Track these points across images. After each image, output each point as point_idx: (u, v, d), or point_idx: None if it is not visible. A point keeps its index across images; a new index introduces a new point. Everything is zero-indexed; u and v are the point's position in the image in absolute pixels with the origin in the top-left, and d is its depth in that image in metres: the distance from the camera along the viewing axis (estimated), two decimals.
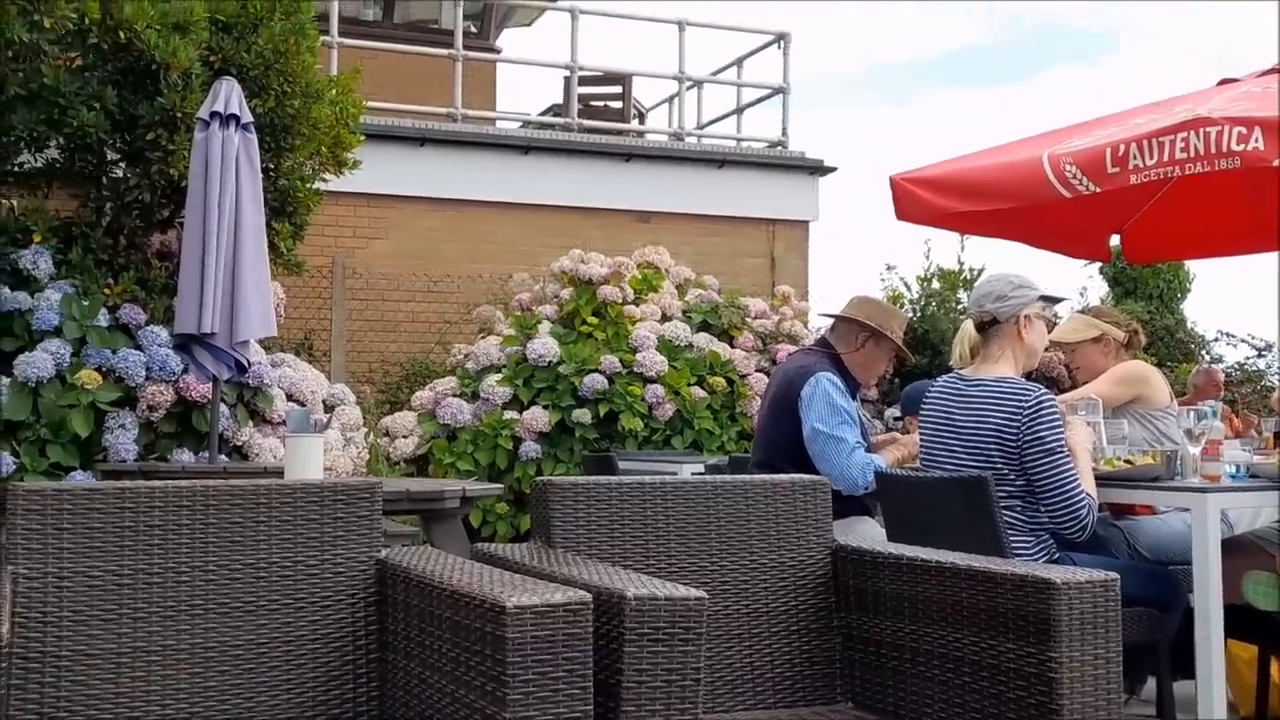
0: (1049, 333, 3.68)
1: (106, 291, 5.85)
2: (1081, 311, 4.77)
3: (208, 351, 5.20)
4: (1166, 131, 4.37)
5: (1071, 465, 3.23)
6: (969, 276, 9.76)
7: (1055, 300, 3.69)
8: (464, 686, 1.87)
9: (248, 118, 5.36)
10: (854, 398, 4.11)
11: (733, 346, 8.28)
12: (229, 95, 5.30)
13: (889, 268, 10.01)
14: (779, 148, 11.58)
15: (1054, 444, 3.24)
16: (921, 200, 5.24)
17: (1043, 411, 3.25)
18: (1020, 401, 3.28)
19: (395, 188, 10.00)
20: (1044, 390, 3.33)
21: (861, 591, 2.50)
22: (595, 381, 7.66)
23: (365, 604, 2.26)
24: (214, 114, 5.24)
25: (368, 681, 2.24)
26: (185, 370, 5.57)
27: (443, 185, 10.26)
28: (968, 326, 3.52)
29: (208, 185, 5.19)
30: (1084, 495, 3.22)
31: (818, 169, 11.43)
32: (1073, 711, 2.04)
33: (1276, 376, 11.86)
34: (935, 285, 9.67)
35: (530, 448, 7.60)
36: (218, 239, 5.13)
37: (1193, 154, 4.30)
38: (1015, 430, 3.26)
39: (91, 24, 5.56)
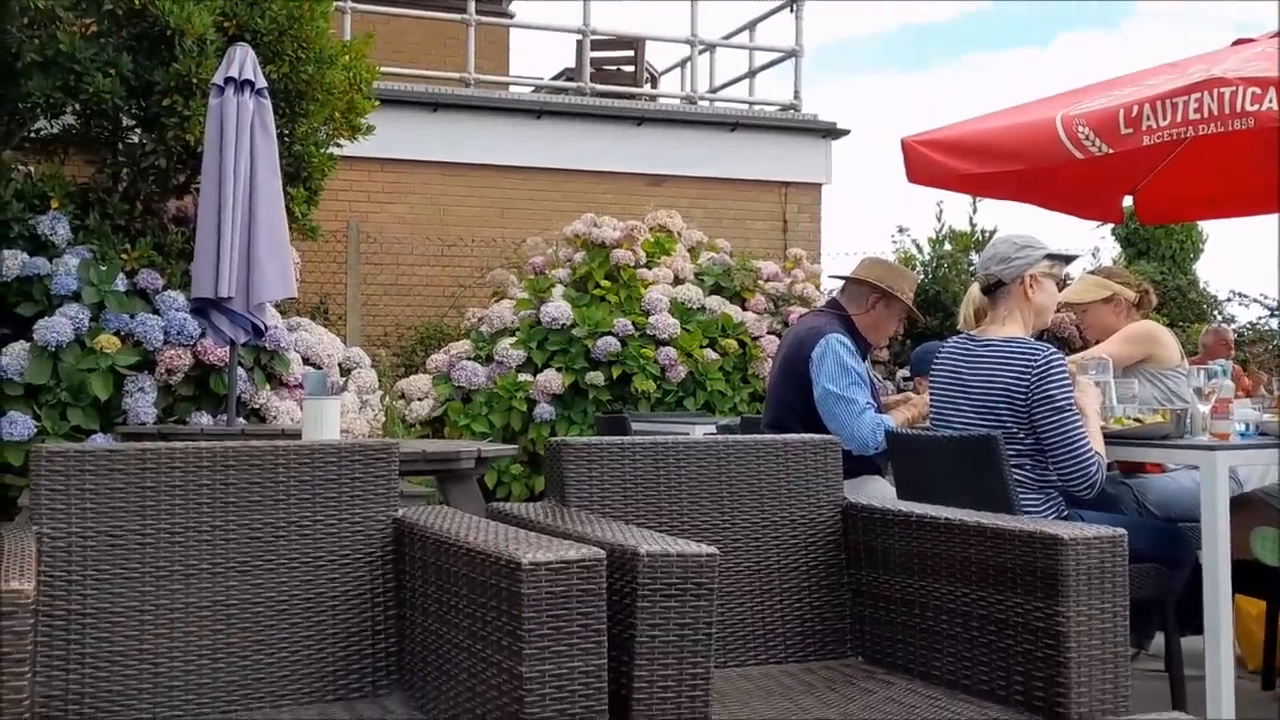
0: (1059, 292, 3.69)
1: (124, 257, 5.89)
2: (1092, 272, 4.77)
3: (225, 315, 5.24)
4: (1180, 92, 4.36)
5: (1080, 423, 3.26)
6: (981, 238, 9.74)
7: (1065, 259, 3.69)
8: (481, 641, 1.91)
9: (262, 83, 5.37)
10: (864, 358, 4.13)
11: (745, 309, 8.29)
12: (243, 61, 5.31)
13: (901, 230, 10.00)
14: (791, 111, 11.53)
15: (1063, 402, 3.26)
16: (933, 162, 5.23)
17: (1051, 370, 3.27)
18: (1029, 360, 3.30)
19: (409, 152, 10.01)
20: (1053, 349, 3.34)
21: (871, 548, 2.53)
22: (608, 344, 7.69)
23: (383, 562, 2.30)
24: (229, 79, 5.26)
25: (386, 638, 2.28)
26: (203, 334, 5.62)
27: (456, 150, 10.26)
28: (973, 289, 3.54)
29: (223, 150, 5.21)
30: (1093, 453, 3.25)
31: (830, 132, 11.38)
32: (1080, 665, 2.07)
33: None
34: (947, 247, 9.66)
35: (544, 409, 7.65)
36: (233, 204, 5.15)
37: (1206, 115, 4.29)
38: (1024, 389, 3.29)
39: None
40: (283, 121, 6.08)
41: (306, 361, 6.23)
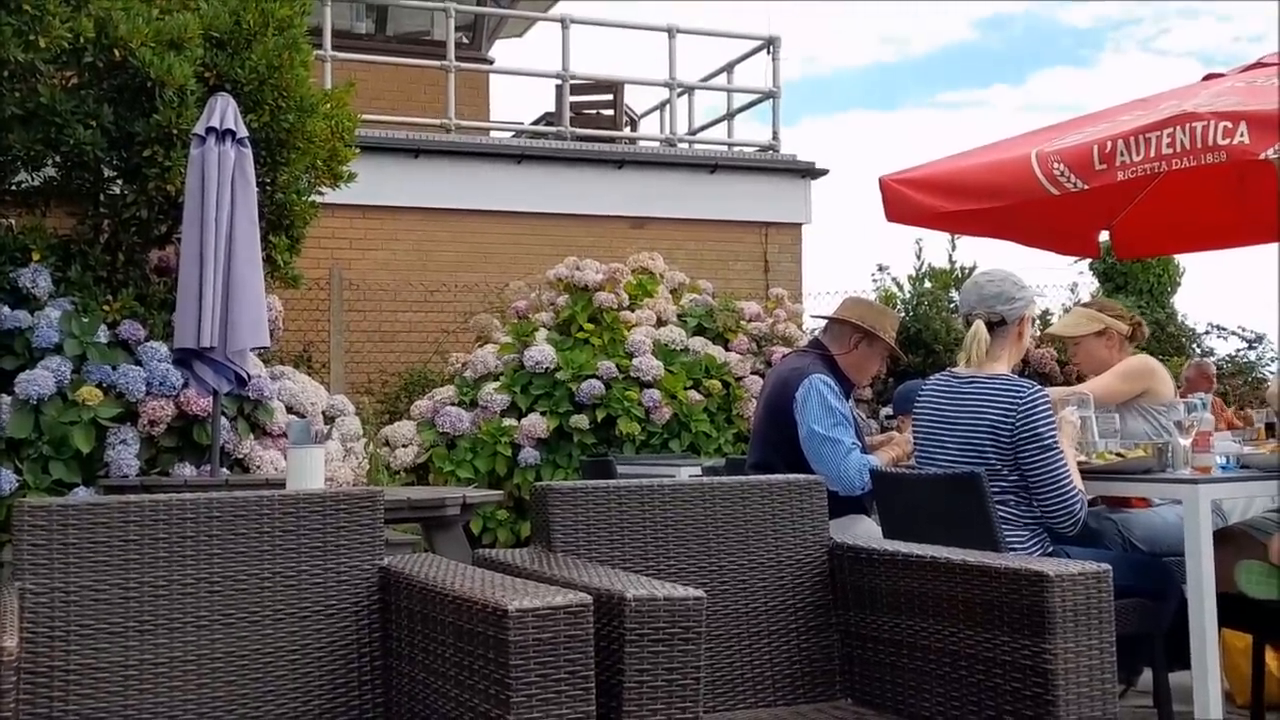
0: (1053, 329, 3.74)
1: (106, 308, 5.88)
2: (1084, 305, 4.80)
3: (208, 365, 5.22)
4: (1153, 127, 4.42)
5: (1064, 460, 3.28)
6: (960, 276, 9.79)
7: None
8: (468, 690, 1.90)
9: (243, 132, 5.39)
10: (848, 398, 4.15)
11: (728, 349, 8.31)
12: (224, 110, 5.33)
13: (881, 268, 10.04)
14: (770, 151, 11.62)
15: (1049, 440, 3.28)
16: (911, 201, 5.28)
17: (1037, 406, 3.29)
18: (1015, 397, 3.32)
19: (390, 199, 10.04)
20: (1037, 386, 3.37)
21: (859, 588, 2.53)
22: (592, 387, 7.69)
23: (369, 612, 2.29)
24: (210, 129, 5.28)
25: (373, 688, 2.27)
26: (185, 385, 5.60)
27: (437, 195, 10.30)
28: (981, 329, 3.50)
29: (204, 200, 5.22)
30: (1076, 490, 3.27)
31: (809, 172, 11.47)
32: (1068, 703, 2.07)
33: (1268, 368, 11.91)
34: (927, 285, 9.71)
35: (529, 454, 7.63)
36: (214, 253, 5.16)
37: (1179, 149, 4.34)
38: (1010, 425, 3.30)
39: (87, 42, 5.60)
40: (264, 170, 6.09)
41: (290, 410, 6.21)
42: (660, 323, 8.33)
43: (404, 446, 7.74)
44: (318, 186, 6.69)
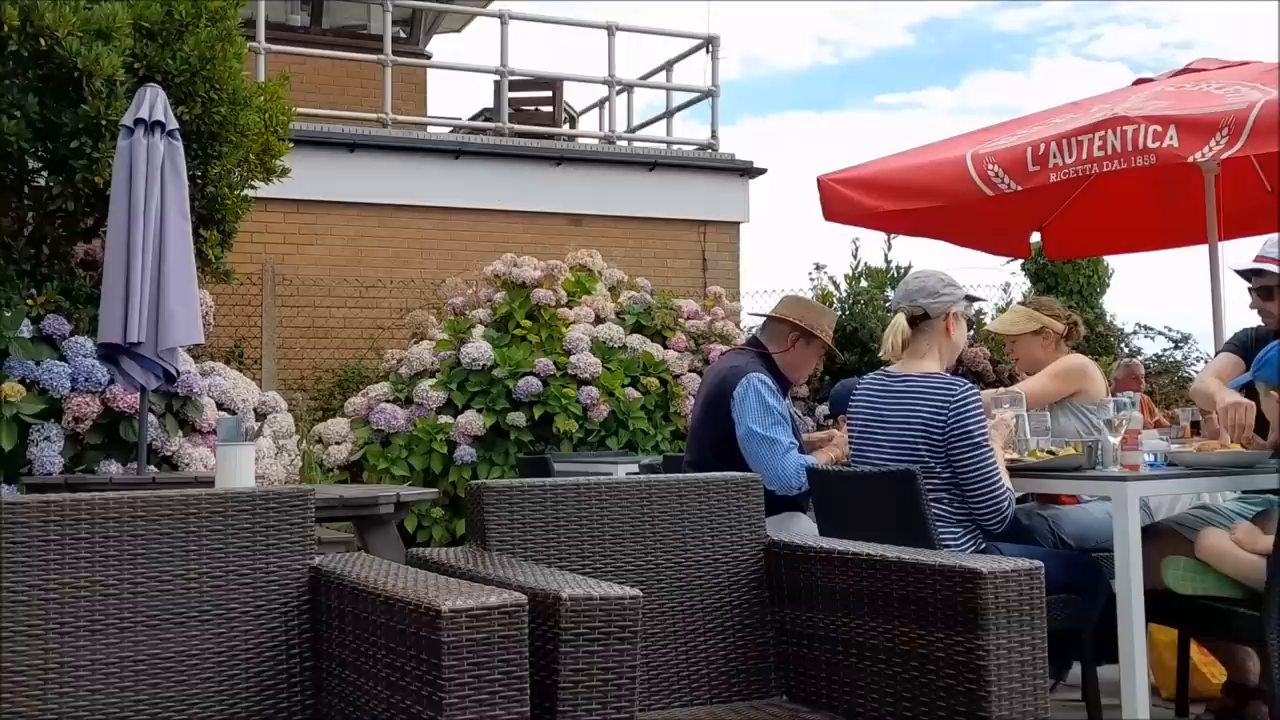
0: (991, 326, 3.79)
1: (30, 302, 5.73)
2: (1022, 304, 4.86)
3: (135, 361, 5.11)
4: (1085, 130, 4.49)
5: (994, 458, 3.31)
6: (896, 275, 9.88)
7: (975, 300, 3.81)
8: (400, 692, 1.87)
9: (173, 124, 5.28)
10: (785, 396, 4.16)
11: (666, 347, 8.32)
12: (154, 102, 5.22)
13: (818, 267, 10.09)
14: (709, 150, 11.66)
15: (979, 438, 3.31)
16: (849, 200, 5.32)
17: (968, 405, 3.32)
18: (947, 396, 3.35)
19: (326, 194, 9.92)
20: (969, 384, 3.40)
21: (795, 586, 2.53)
22: (530, 384, 7.66)
23: (299, 612, 2.24)
24: (139, 121, 5.16)
25: (302, 690, 2.23)
26: (112, 381, 5.48)
27: (374, 191, 10.20)
28: (900, 320, 3.57)
29: (132, 193, 5.11)
30: (1005, 488, 3.31)
31: (747, 171, 11.52)
32: (1000, 698, 2.09)
33: (1193, 368, 12.17)
34: (863, 284, 9.79)
35: (465, 452, 7.57)
36: (142, 247, 5.05)
37: (1110, 152, 4.43)
38: (941, 423, 3.33)
39: (11, 31, 5.46)
40: (195, 163, 5.98)
41: (221, 407, 6.11)
42: (598, 320, 8.31)
43: (337, 444, 7.64)
44: (251, 181, 6.58)
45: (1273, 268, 3.84)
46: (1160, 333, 12.79)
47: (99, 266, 5.94)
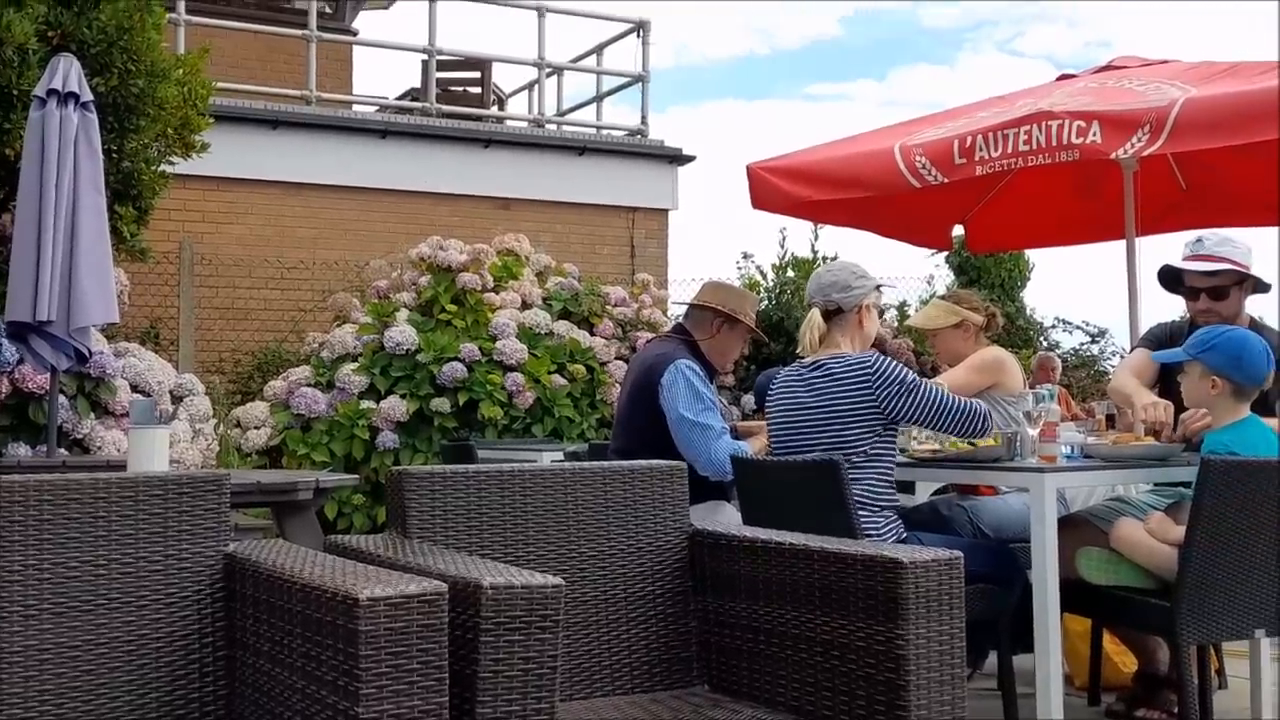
0: (912, 320, 3.83)
1: None
2: (942, 298, 4.91)
3: (45, 340, 4.96)
4: (1011, 124, 4.55)
5: (935, 387, 3.45)
6: (822, 265, 9.94)
7: (884, 288, 3.91)
8: (316, 682, 1.84)
9: (88, 96, 5.12)
10: (712, 383, 4.16)
11: (593, 334, 8.29)
12: (67, 72, 5.06)
13: (745, 256, 10.12)
14: (638, 136, 11.63)
15: (911, 381, 3.42)
16: (777, 189, 5.33)
17: (885, 367, 3.42)
18: (864, 369, 3.42)
19: (247, 172, 9.73)
20: (874, 353, 3.51)
21: (718, 575, 2.53)
22: (454, 370, 7.58)
23: (212, 600, 2.19)
24: (51, 92, 5.00)
25: (215, 680, 2.18)
26: (20, 361, 5.32)
27: (296, 170, 10.02)
28: (815, 316, 3.61)
29: (44, 166, 4.95)
30: (965, 402, 3.45)
31: (676, 158, 11.52)
32: (919, 687, 2.10)
33: (1109, 362, 12.44)
34: (790, 274, 9.84)
35: (388, 438, 7.48)
36: (54, 222, 4.90)
37: (1035, 146, 4.48)
38: (871, 396, 3.38)
39: None
40: (111, 137, 5.82)
41: (135, 389, 5.96)
42: (525, 306, 8.26)
43: (256, 429, 7.50)
44: (168, 156, 6.42)
45: (1224, 266, 3.88)
46: (1079, 327, 13.06)
47: (8, 242, 5.75)
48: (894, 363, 3.46)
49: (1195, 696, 3.14)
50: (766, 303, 9.15)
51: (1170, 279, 4.03)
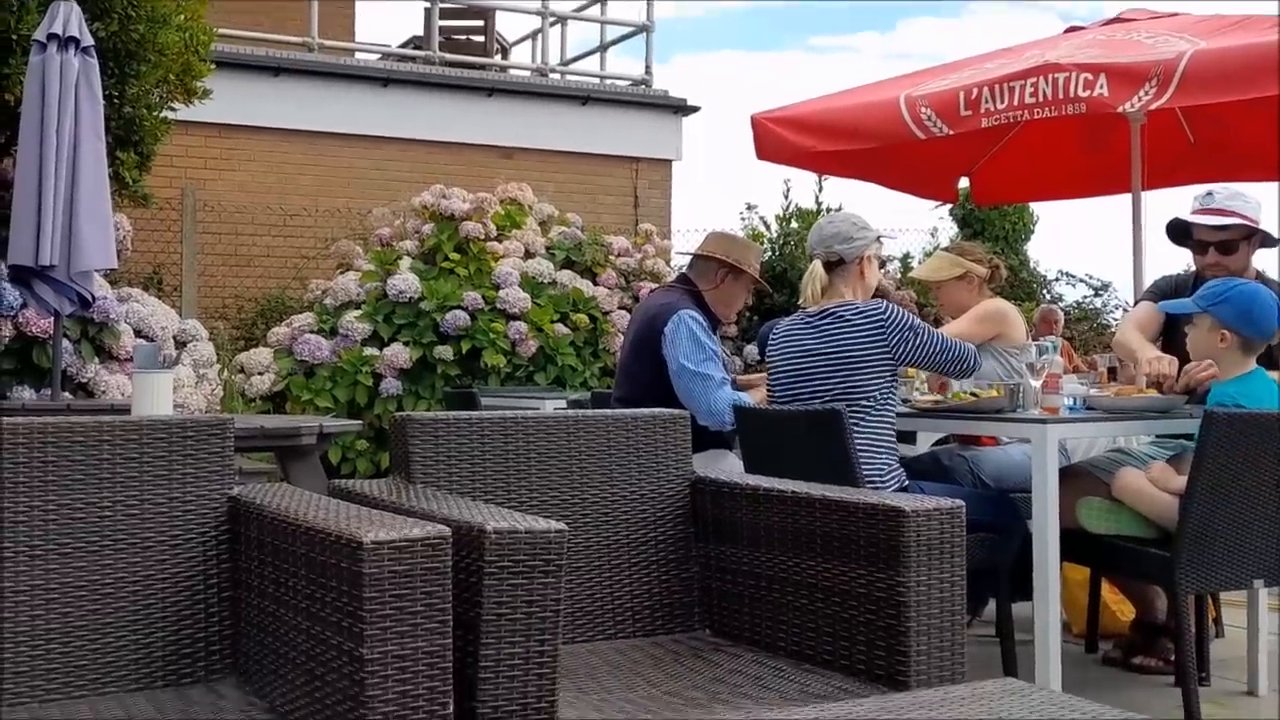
0: (916, 272, 3.84)
1: None
2: (946, 249, 4.90)
3: (48, 285, 4.96)
4: (1017, 76, 4.51)
5: (939, 334, 3.56)
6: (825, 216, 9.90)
7: (885, 238, 3.92)
8: (320, 623, 1.85)
9: (88, 41, 5.08)
10: (715, 333, 4.16)
11: (596, 284, 8.28)
12: (68, 17, 5.01)
13: (749, 207, 10.07)
14: (642, 86, 11.54)
15: (919, 325, 3.49)
16: (782, 140, 5.30)
17: (897, 314, 3.48)
18: (879, 314, 3.45)
19: (249, 118, 9.68)
20: (884, 302, 3.53)
21: (720, 522, 2.54)
22: (457, 318, 7.58)
23: (217, 543, 2.20)
24: (51, 36, 4.96)
25: (220, 621, 2.19)
26: (24, 305, 5.32)
27: (299, 117, 9.96)
28: (817, 267, 3.60)
29: (45, 111, 4.92)
30: (960, 348, 3.55)
31: (681, 108, 11.44)
32: (919, 633, 2.12)
33: (1112, 315, 12.42)
34: (794, 225, 9.80)
35: (391, 384, 7.50)
36: (55, 167, 4.87)
37: (1041, 99, 4.45)
38: (884, 341, 3.43)
39: None
40: (112, 83, 5.77)
41: (139, 334, 5.96)
42: (528, 255, 8.24)
43: (260, 374, 7.52)
44: (170, 102, 6.38)
45: (1235, 220, 3.85)
46: (1082, 280, 13.04)
47: (9, 187, 5.73)
48: (904, 312, 3.52)
49: (1192, 645, 3.16)
50: (770, 254, 9.13)
51: (1179, 232, 4.01)
